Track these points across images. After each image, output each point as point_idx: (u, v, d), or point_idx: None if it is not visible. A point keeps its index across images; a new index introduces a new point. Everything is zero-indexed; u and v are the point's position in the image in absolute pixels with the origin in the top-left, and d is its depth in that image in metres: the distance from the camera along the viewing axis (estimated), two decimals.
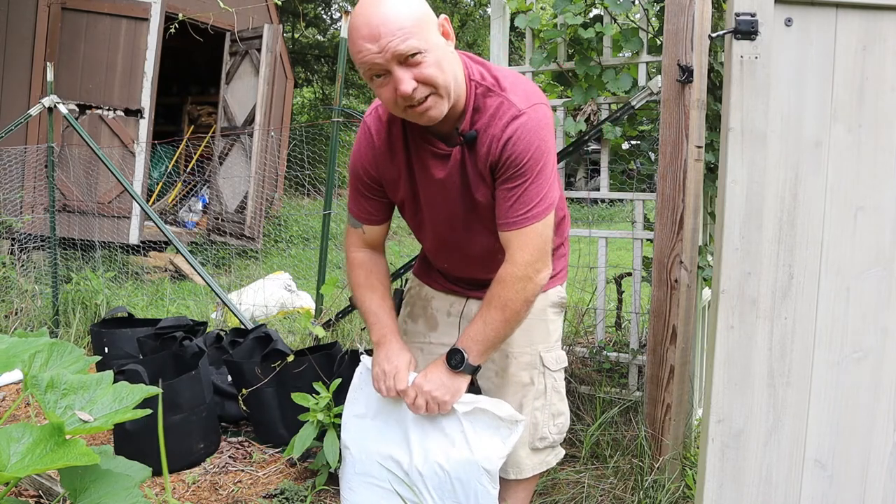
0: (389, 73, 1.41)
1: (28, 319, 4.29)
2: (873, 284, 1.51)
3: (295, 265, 6.56)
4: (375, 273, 1.77)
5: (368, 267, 1.77)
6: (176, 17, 5.81)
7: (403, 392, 1.62)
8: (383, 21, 1.37)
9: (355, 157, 1.68)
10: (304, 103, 16.42)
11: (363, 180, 1.68)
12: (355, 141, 1.69)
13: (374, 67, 1.41)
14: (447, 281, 1.86)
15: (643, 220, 2.69)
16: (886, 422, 1.53)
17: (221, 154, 7.87)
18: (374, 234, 1.76)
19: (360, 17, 1.40)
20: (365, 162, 1.65)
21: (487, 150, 1.52)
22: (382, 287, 1.76)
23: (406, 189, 1.66)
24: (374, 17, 1.38)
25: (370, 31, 1.38)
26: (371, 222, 1.74)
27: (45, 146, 5.35)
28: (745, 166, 1.45)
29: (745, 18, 1.41)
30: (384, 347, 1.67)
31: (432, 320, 1.87)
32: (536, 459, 1.79)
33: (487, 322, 1.56)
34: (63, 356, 1.54)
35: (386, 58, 1.39)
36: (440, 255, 1.81)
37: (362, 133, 1.66)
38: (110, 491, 1.32)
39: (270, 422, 2.70)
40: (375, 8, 1.39)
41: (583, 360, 2.83)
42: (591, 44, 2.68)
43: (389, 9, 1.38)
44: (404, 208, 1.74)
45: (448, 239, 1.72)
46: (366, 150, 1.65)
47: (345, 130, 7.85)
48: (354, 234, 1.77)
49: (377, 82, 1.44)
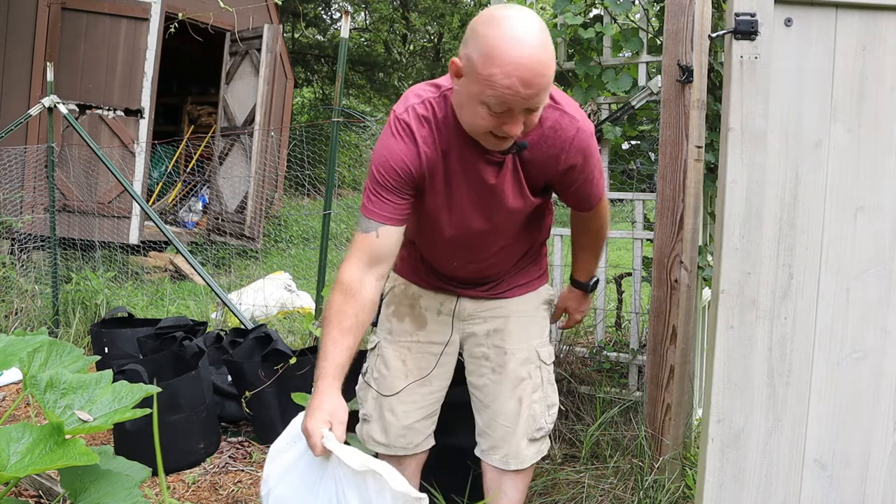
0: (510, 112, 1.40)
1: (28, 319, 4.29)
2: (873, 284, 1.51)
3: (295, 265, 6.56)
4: (356, 301, 1.54)
5: (353, 291, 1.54)
6: (176, 17, 5.82)
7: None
8: (542, 72, 1.36)
9: (391, 153, 1.55)
10: (304, 103, 16.43)
11: (398, 177, 1.56)
12: (387, 137, 1.57)
13: (506, 103, 1.38)
14: (438, 279, 1.84)
15: (643, 220, 2.69)
16: (886, 422, 1.53)
17: (221, 154, 7.87)
18: (389, 238, 1.58)
19: (523, 52, 1.34)
20: (406, 160, 1.55)
21: (554, 159, 1.59)
22: (353, 318, 1.53)
23: (443, 193, 1.63)
24: (536, 64, 1.35)
25: (529, 74, 1.35)
26: (393, 221, 1.58)
27: (45, 146, 5.35)
28: (744, 166, 1.45)
29: (745, 18, 1.41)
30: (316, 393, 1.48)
31: (420, 319, 1.86)
32: (534, 449, 1.83)
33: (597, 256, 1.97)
34: (62, 356, 1.54)
35: (522, 105, 1.39)
36: (452, 258, 1.78)
37: (401, 131, 1.56)
38: (110, 491, 1.32)
39: (270, 422, 2.70)
40: (538, 52, 1.35)
41: (583, 360, 2.83)
42: (591, 44, 2.68)
43: (547, 59, 1.37)
44: (433, 209, 1.66)
45: (471, 243, 1.71)
46: (408, 149, 1.56)
47: (345, 130, 7.85)
48: (363, 242, 1.57)
49: (488, 109, 1.40)
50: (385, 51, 16.95)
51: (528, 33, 1.35)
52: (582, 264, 1.98)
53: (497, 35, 1.35)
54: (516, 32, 1.35)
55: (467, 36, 1.42)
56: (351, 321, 1.53)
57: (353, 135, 8.20)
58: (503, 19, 1.37)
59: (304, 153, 6.74)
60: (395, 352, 1.85)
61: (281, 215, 8.34)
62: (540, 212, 1.78)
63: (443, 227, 1.69)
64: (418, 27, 17.11)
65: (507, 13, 1.38)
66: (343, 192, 10.19)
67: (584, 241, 1.93)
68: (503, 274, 1.82)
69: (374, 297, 1.58)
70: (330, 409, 1.44)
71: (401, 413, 1.83)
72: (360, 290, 1.55)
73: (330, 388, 1.47)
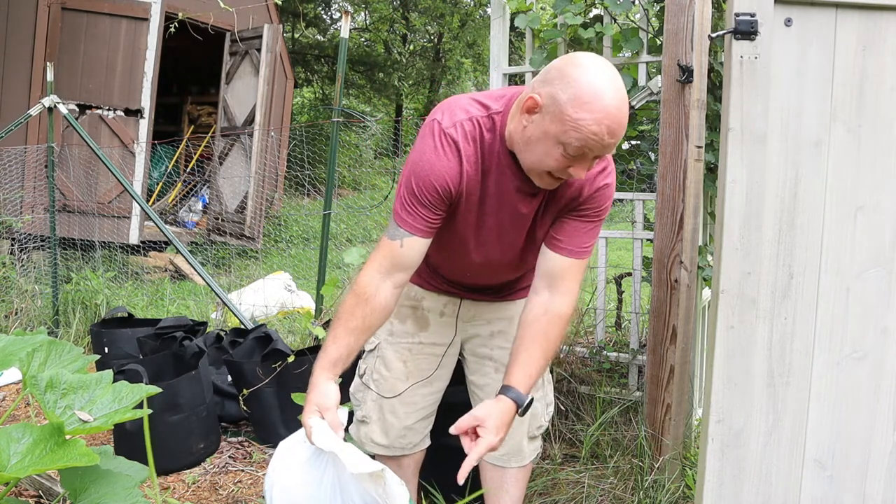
0: (583, 157, 1.42)
1: (28, 319, 4.29)
2: (873, 284, 1.51)
3: (295, 265, 6.56)
4: (367, 306, 1.55)
5: (367, 296, 1.56)
6: (176, 17, 5.81)
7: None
8: (623, 124, 1.39)
9: (432, 169, 1.53)
10: (304, 103, 16.44)
11: (436, 194, 1.55)
12: (430, 150, 1.54)
13: (584, 147, 1.39)
14: (442, 283, 1.84)
15: (643, 220, 2.69)
16: (886, 422, 1.53)
17: (221, 154, 7.87)
18: (413, 249, 1.58)
19: (612, 104, 1.36)
20: (448, 178, 1.54)
21: (578, 191, 1.58)
22: (360, 320, 1.55)
23: (475, 214, 1.62)
24: (623, 117, 1.39)
25: (615, 125, 1.37)
26: (421, 233, 1.57)
27: (45, 146, 5.35)
28: (744, 166, 1.45)
29: (745, 18, 1.41)
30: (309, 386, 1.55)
31: (422, 320, 1.86)
32: (533, 446, 1.88)
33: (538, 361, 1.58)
34: (62, 355, 1.54)
35: (600, 153, 1.42)
36: (465, 271, 1.78)
37: (446, 146, 1.54)
38: (110, 491, 1.31)
39: (270, 422, 2.70)
40: (624, 105, 1.39)
41: (583, 360, 2.83)
42: (591, 44, 2.68)
43: (626, 112, 1.40)
44: (463, 229, 1.66)
45: (492, 261, 1.72)
46: (451, 167, 1.54)
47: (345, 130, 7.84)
48: (387, 248, 1.57)
49: (562, 150, 1.41)
50: (385, 51, 16.95)
51: (617, 85, 1.38)
52: (523, 365, 1.56)
53: (589, 81, 1.36)
54: (606, 82, 1.37)
55: (552, 76, 1.41)
56: (357, 322, 1.55)
57: (353, 135, 8.21)
58: (594, 67, 1.39)
59: (304, 153, 6.74)
60: (396, 353, 1.84)
61: (281, 215, 8.35)
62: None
63: (468, 247, 1.69)
64: (418, 27, 17.11)
65: (596, 62, 1.40)
66: (343, 192, 10.19)
67: (537, 330, 1.59)
68: (511, 281, 1.83)
69: (388, 302, 1.58)
70: (316, 400, 1.50)
71: (402, 414, 1.83)
72: (374, 296, 1.56)
73: (318, 381, 1.52)
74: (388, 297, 1.58)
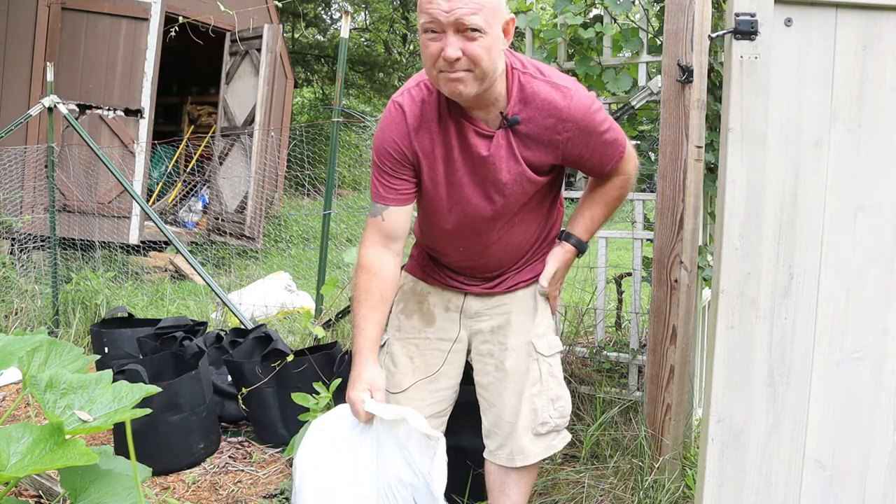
0: (444, 35, 1.50)
1: (28, 319, 4.29)
2: (873, 284, 1.51)
3: (295, 265, 6.56)
4: (378, 278, 1.72)
5: (374, 270, 1.71)
6: (176, 17, 5.81)
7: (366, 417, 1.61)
8: None
9: (383, 135, 1.69)
10: (304, 103, 16.42)
11: (392, 157, 1.68)
12: (381, 122, 1.70)
13: (434, 22, 1.49)
14: (447, 276, 1.87)
15: (643, 220, 2.69)
16: (886, 422, 1.53)
17: (221, 154, 7.87)
18: (395, 219, 1.72)
19: None
20: (396, 137, 1.67)
21: (551, 130, 1.63)
22: (378, 294, 1.71)
23: (442, 165, 1.70)
24: None
25: None
26: (397, 202, 1.71)
27: (45, 146, 5.35)
28: (744, 166, 1.45)
29: (745, 18, 1.41)
30: (354, 366, 1.68)
31: (428, 315, 1.88)
32: (542, 445, 1.81)
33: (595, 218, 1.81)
34: (62, 355, 1.54)
35: (449, 20, 1.47)
36: (458, 243, 1.80)
37: (392, 111, 1.69)
38: (110, 491, 1.31)
39: (270, 422, 2.70)
40: None
41: (583, 360, 2.83)
42: (591, 44, 2.68)
43: None
44: (432, 189, 1.73)
45: (474, 224, 1.75)
46: (397, 126, 1.67)
47: (345, 130, 7.85)
48: (373, 226, 1.73)
49: (428, 37, 1.52)
50: (385, 51, 16.95)
51: None
52: (586, 220, 1.83)
53: None
54: None
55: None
56: (377, 298, 1.71)
57: (353, 135, 8.20)
58: None
59: (304, 153, 6.74)
60: (403, 349, 1.86)
61: (281, 215, 8.34)
62: (544, 198, 1.79)
63: (444, 206, 1.74)
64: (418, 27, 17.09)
65: None
66: (343, 192, 10.18)
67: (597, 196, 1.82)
68: (509, 268, 1.83)
69: (394, 271, 1.74)
70: (368, 378, 1.64)
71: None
72: (381, 268, 1.72)
73: (367, 361, 1.66)
74: (393, 266, 1.74)
